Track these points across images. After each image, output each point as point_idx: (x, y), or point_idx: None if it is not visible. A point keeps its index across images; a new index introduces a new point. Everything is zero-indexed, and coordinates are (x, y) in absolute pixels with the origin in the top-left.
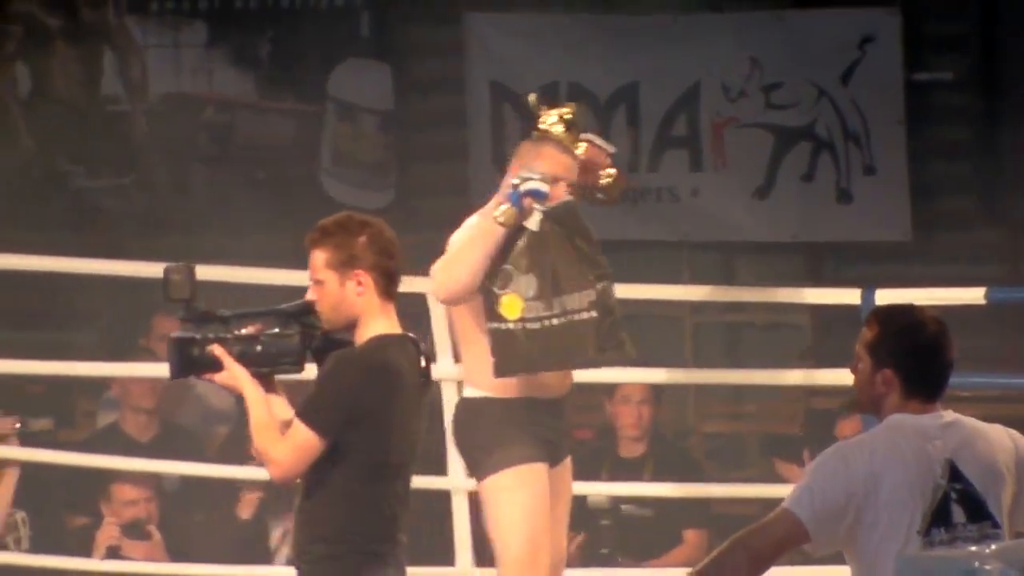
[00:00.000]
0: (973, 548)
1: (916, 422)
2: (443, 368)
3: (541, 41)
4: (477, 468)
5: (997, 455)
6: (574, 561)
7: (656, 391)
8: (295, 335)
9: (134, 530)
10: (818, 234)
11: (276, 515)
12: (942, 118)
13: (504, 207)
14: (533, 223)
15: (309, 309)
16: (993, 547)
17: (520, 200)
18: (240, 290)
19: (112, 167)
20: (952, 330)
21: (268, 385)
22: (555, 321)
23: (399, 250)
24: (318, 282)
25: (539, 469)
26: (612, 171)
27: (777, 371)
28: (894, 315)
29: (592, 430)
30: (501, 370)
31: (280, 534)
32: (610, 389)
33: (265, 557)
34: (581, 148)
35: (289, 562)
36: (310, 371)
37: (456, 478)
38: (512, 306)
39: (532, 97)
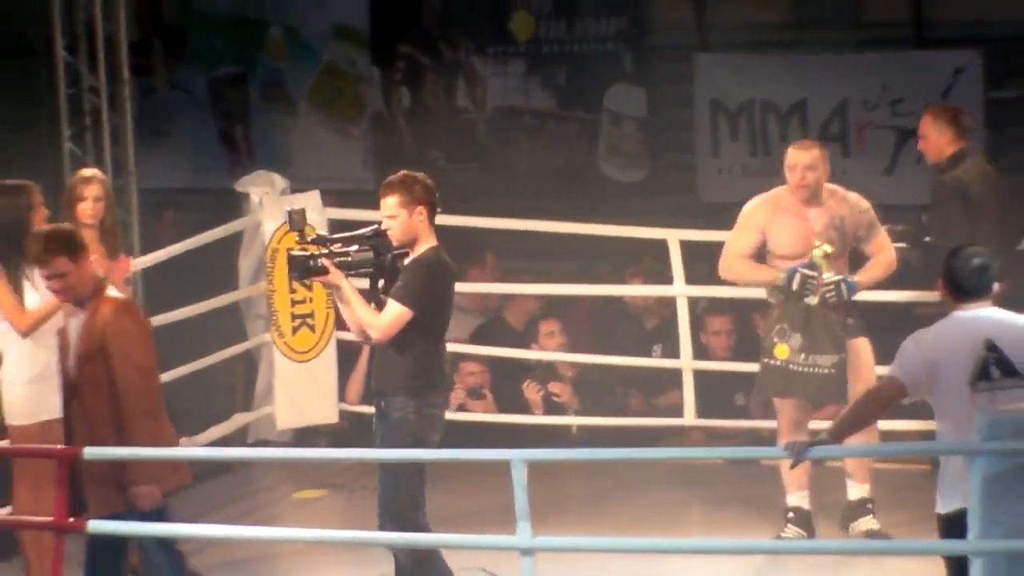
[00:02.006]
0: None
1: (964, 315)
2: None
3: (743, 72)
4: None
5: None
6: (760, 413)
7: None
8: (370, 251)
9: (474, 393)
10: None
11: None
12: (1011, 118)
13: (784, 277)
14: (812, 300)
15: (380, 234)
16: None
17: (792, 278)
18: (532, 236)
19: (463, 155)
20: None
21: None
22: (807, 369)
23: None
24: (392, 216)
25: None
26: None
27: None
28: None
29: None
30: (762, 391)
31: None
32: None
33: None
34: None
35: (369, 394)
36: None
37: None
38: (782, 351)
39: None
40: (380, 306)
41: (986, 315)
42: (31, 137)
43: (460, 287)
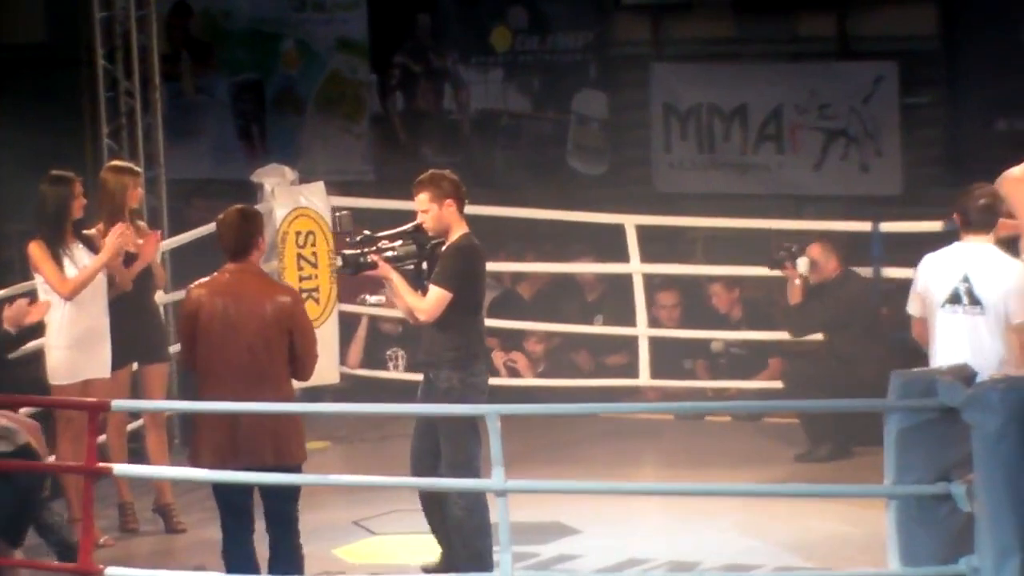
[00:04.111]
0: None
1: (961, 245)
2: None
3: (692, 80)
4: None
5: (1003, 270)
6: (705, 375)
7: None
8: (412, 244)
9: None
10: (850, 190)
11: None
12: (923, 124)
13: None
14: None
15: (419, 228)
16: (950, 367)
17: None
18: (506, 221)
19: (450, 151)
20: None
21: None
22: None
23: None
24: (425, 211)
25: None
26: None
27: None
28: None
29: None
30: None
31: None
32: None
33: None
34: None
35: (417, 364)
36: None
37: None
38: None
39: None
40: (425, 291)
41: (975, 249)
42: (75, 133)
43: None
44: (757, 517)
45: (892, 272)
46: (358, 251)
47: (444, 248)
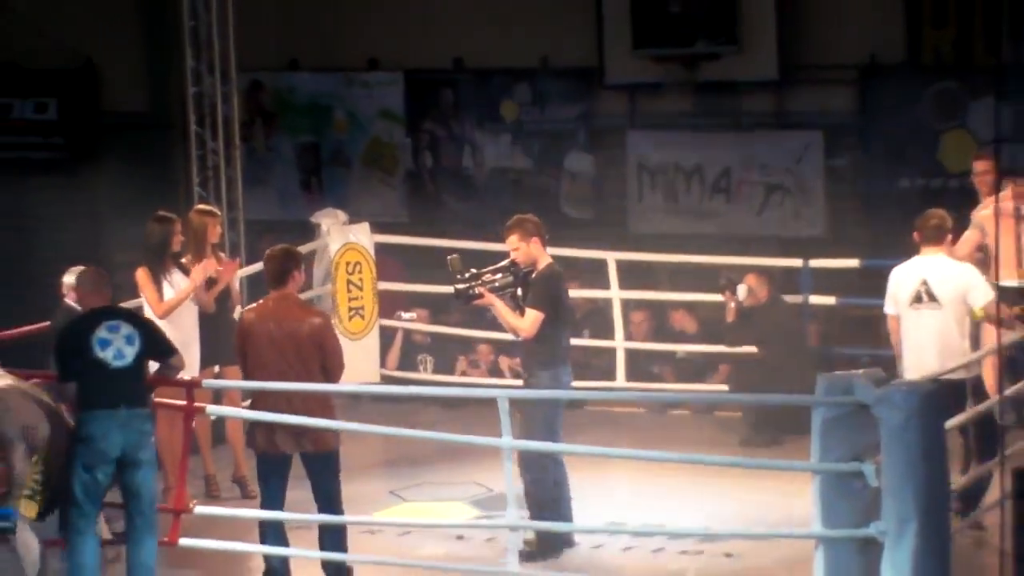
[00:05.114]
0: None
1: (917, 259)
2: None
3: (660, 145)
4: None
5: (952, 273)
6: (670, 378)
7: None
8: (510, 276)
9: (473, 364)
10: (784, 232)
11: None
12: (843, 181)
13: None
14: None
15: (513, 263)
16: (864, 371)
17: None
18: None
19: (468, 199)
20: None
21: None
22: None
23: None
24: (515, 249)
25: None
26: None
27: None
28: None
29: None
30: None
31: None
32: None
33: None
34: None
35: (517, 375)
36: None
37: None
38: None
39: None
40: (522, 312)
41: (930, 260)
42: (171, 183)
43: None
44: (709, 490)
45: (817, 299)
46: (467, 285)
47: (534, 276)
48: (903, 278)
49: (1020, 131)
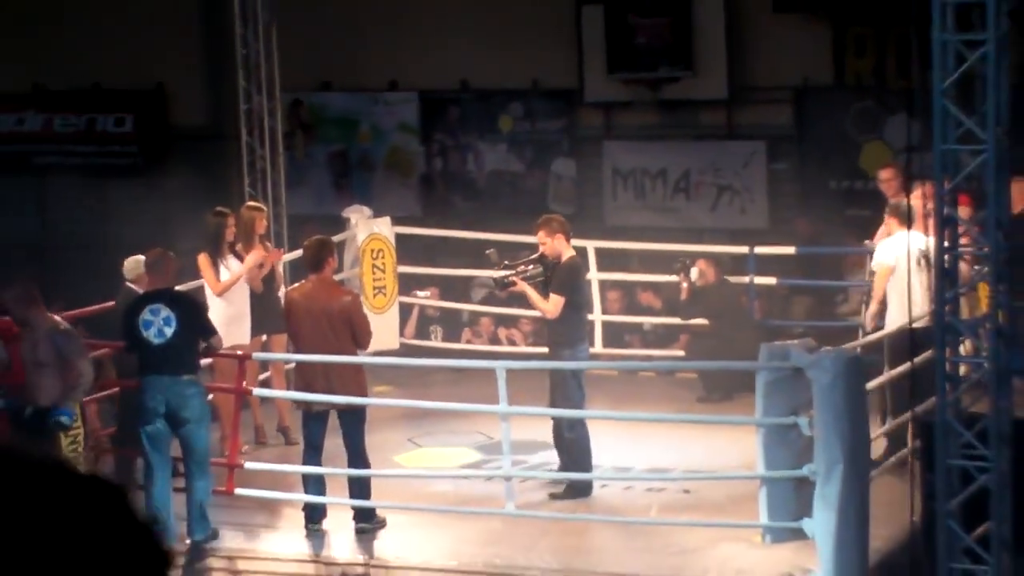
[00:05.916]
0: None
1: (905, 233)
2: None
3: (631, 152)
4: None
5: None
6: (639, 345)
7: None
8: (540, 266)
9: (477, 335)
10: (733, 225)
11: None
12: (782, 182)
13: None
14: None
15: (542, 255)
16: (801, 340)
17: None
18: (508, 244)
19: (472, 198)
20: None
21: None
22: None
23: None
24: (543, 243)
25: None
26: None
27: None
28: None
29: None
30: None
31: None
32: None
33: None
34: None
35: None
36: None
37: None
38: None
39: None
40: (547, 297)
41: (914, 235)
42: (226, 183)
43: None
44: (671, 440)
45: (761, 280)
46: (503, 275)
47: (558, 267)
48: (906, 245)
49: (927, 141)
